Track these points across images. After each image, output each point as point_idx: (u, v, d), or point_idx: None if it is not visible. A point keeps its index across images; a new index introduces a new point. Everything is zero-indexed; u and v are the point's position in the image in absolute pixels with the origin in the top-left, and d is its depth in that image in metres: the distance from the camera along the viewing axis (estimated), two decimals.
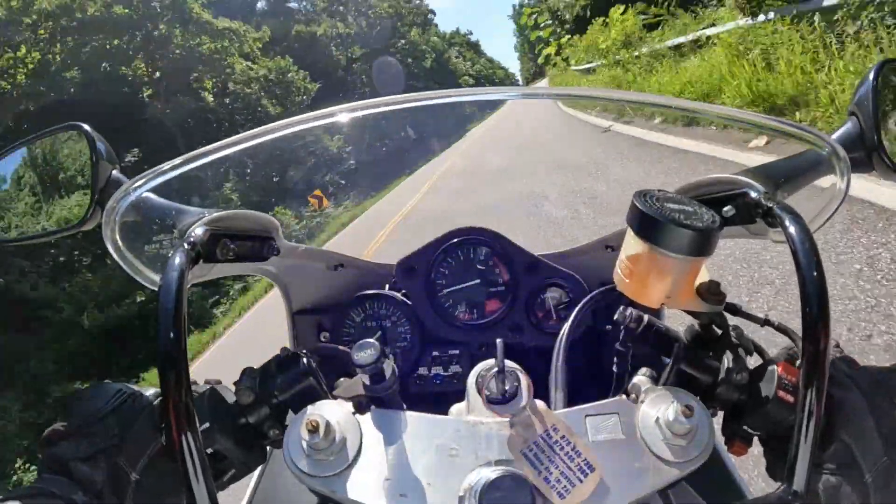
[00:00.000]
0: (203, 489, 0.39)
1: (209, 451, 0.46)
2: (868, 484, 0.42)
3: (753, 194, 0.51)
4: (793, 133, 0.58)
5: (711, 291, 0.47)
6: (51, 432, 0.43)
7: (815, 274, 0.41)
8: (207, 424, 0.46)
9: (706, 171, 4.50)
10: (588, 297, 0.66)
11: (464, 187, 8.68)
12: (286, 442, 0.44)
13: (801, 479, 0.40)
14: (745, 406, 0.49)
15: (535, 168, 7.57)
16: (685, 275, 0.45)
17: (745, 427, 0.48)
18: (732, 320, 0.51)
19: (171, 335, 0.41)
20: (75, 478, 0.41)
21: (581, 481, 0.42)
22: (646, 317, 0.52)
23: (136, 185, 0.58)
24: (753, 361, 0.51)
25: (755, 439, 0.49)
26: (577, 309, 0.64)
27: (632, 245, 0.46)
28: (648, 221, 0.43)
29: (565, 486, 0.42)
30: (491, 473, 0.42)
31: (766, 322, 0.53)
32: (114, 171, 0.64)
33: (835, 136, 0.60)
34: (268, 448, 0.52)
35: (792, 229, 0.44)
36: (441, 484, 0.43)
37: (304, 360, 0.51)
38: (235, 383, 0.51)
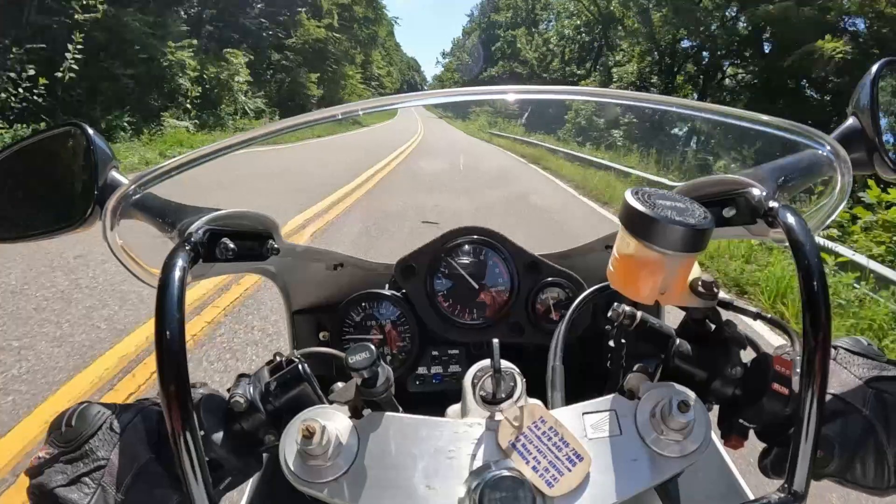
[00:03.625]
0: (203, 492, 0.39)
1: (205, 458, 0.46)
2: (867, 416, 0.44)
3: (754, 194, 0.51)
4: (793, 132, 0.58)
5: (704, 287, 0.47)
6: (35, 461, 0.43)
7: (816, 275, 0.41)
8: (203, 432, 0.46)
9: None
10: (582, 295, 0.66)
11: None
12: (282, 448, 0.43)
13: (801, 480, 0.40)
14: (741, 400, 0.49)
15: None
16: (678, 271, 0.46)
17: (740, 421, 0.49)
18: (726, 315, 0.52)
19: (171, 334, 0.41)
20: None
21: (570, 470, 0.42)
22: (639, 314, 0.52)
23: (136, 184, 0.58)
24: (747, 356, 0.51)
25: (751, 432, 0.50)
26: (571, 307, 0.64)
27: (624, 242, 0.46)
28: (640, 219, 0.43)
29: (553, 475, 0.42)
30: (490, 474, 0.42)
31: (758, 316, 0.53)
32: (113, 171, 0.64)
33: (835, 135, 0.60)
34: (264, 455, 0.52)
35: (793, 230, 0.44)
36: (440, 486, 0.43)
37: (299, 365, 0.51)
38: (228, 390, 0.51)
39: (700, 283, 0.47)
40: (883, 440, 0.44)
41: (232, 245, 0.55)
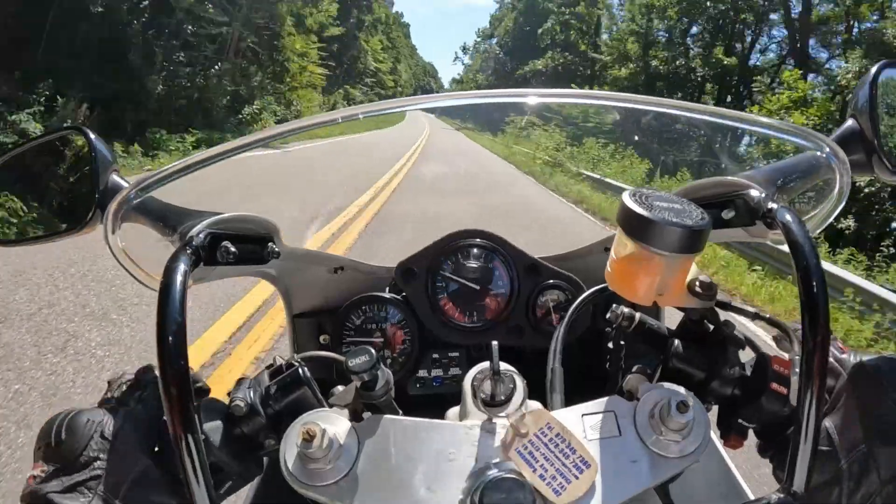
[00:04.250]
0: (205, 496, 0.39)
1: None
2: (843, 470, 0.42)
3: (753, 196, 0.51)
4: (793, 134, 0.58)
5: (702, 287, 0.47)
6: (31, 480, 0.43)
7: (815, 276, 0.41)
8: (203, 436, 0.46)
9: None
10: (581, 297, 0.66)
11: None
12: (282, 452, 0.43)
13: (800, 480, 0.40)
14: (740, 400, 0.49)
15: None
16: (675, 272, 0.46)
17: (739, 420, 0.49)
18: (724, 315, 0.52)
19: (173, 338, 0.41)
20: None
21: (577, 478, 0.42)
22: (637, 315, 0.52)
23: (137, 187, 0.59)
24: (746, 356, 0.52)
25: (750, 432, 0.50)
26: (570, 309, 0.64)
27: (622, 244, 0.46)
28: (637, 220, 0.43)
29: (561, 483, 0.42)
30: (490, 476, 0.41)
31: (756, 316, 0.54)
32: (114, 174, 0.64)
33: (834, 137, 0.60)
34: (264, 458, 0.52)
35: (792, 231, 0.44)
36: (440, 489, 0.43)
37: (299, 368, 0.51)
38: (229, 394, 0.51)
39: (698, 283, 0.47)
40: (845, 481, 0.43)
41: (233, 248, 0.56)
